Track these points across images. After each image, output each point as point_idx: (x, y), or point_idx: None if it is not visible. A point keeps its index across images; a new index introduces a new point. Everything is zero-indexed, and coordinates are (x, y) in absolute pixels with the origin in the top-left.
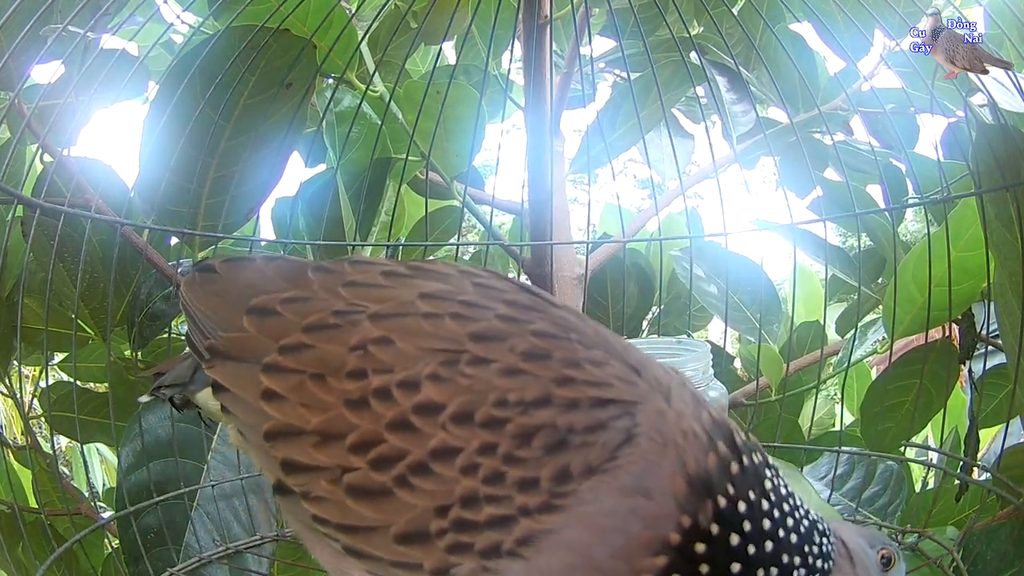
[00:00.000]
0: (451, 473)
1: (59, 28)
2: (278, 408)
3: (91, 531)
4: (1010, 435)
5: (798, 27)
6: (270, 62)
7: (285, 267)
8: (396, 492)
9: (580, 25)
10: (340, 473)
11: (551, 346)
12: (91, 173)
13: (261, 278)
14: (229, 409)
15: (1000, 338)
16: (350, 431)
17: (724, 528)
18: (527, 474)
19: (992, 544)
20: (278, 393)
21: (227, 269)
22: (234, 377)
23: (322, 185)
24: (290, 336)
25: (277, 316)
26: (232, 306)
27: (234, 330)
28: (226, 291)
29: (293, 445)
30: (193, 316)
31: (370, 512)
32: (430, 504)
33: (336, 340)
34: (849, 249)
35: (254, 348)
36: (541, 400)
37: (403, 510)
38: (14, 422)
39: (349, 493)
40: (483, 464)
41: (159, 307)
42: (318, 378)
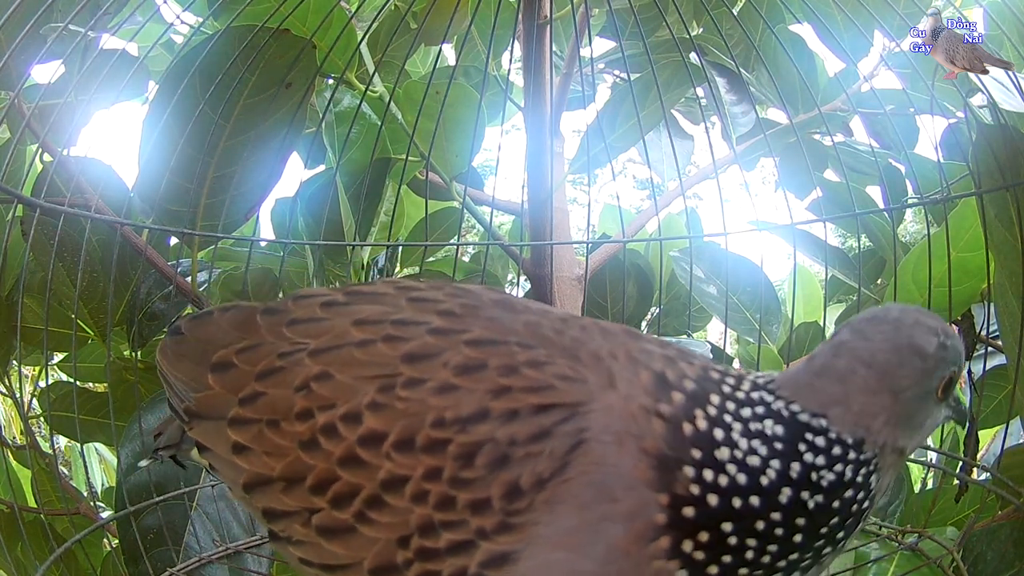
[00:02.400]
0: (403, 503)
1: (59, 28)
2: (246, 459)
3: (91, 531)
4: (1010, 435)
5: (798, 28)
6: (270, 62)
7: (237, 316)
8: (359, 528)
9: (580, 26)
10: (308, 515)
11: (486, 355)
12: (91, 173)
13: (217, 331)
14: (214, 466)
15: (1000, 339)
16: (308, 472)
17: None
18: (476, 495)
19: (992, 544)
20: (244, 445)
21: (191, 327)
22: (209, 435)
23: (322, 185)
24: (246, 387)
25: (234, 368)
26: (198, 365)
27: (203, 389)
28: (192, 351)
29: (267, 494)
30: (169, 382)
31: (341, 550)
32: (391, 536)
33: (282, 383)
34: (849, 250)
35: (220, 404)
36: (478, 415)
37: (368, 544)
38: (13, 422)
39: (320, 534)
40: (431, 490)
41: (158, 307)
42: (273, 424)
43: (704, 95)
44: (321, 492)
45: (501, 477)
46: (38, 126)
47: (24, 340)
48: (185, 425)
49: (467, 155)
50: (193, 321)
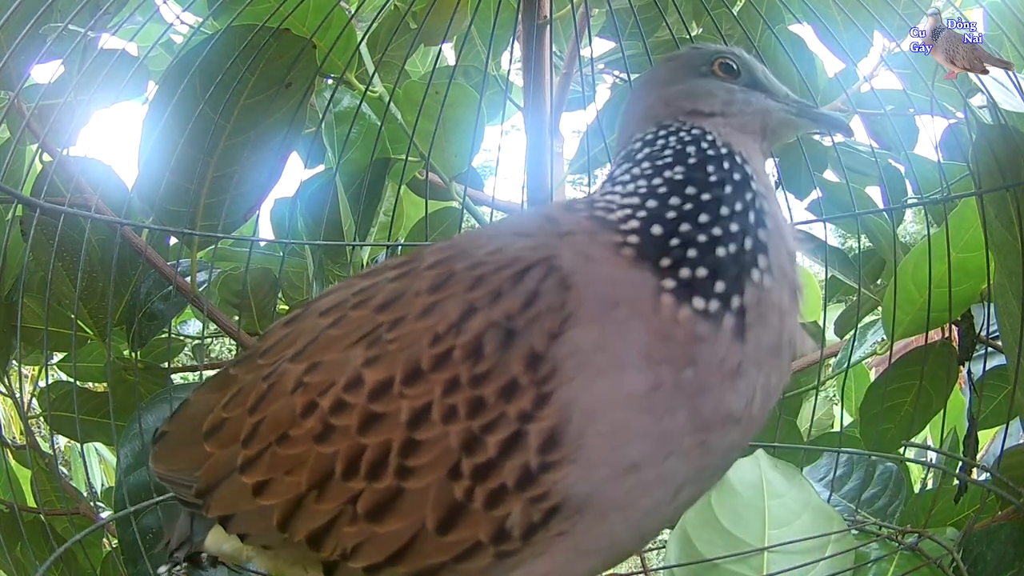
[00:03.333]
0: (436, 431)
1: (59, 28)
2: (271, 493)
3: (91, 531)
4: (1010, 435)
5: (798, 28)
6: (270, 62)
7: (213, 382)
8: (405, 485)
9: (580, 26)
10: (352, 509)
11: (448, 267)
12: (91, 173)
13: (197, 406)
14: (246, 533)
15: (999, 339)
16: (335, 461)
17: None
18: (501, 382)
19: (992, 544)
20: (263, 481)
21: (172, 423)
22: (226, 500)
23: (321, 185)
24: (243, 427)
25: (226, 422)
26: (192, 446)
27: (203, 462)
28: (181, 440)
29: (305, 517)
30: (172, 482)
31: (399, 523)
32: (440, 474)
33: (275, 397)
34: (848, 250)
35: (225, 463)
36: (467, 312)
37: (422, 499)
38: (13, 422)
39: (371, 519)
40: (457, 402)
41: (158, 307)
42: (283, 439)
43: None
44: (354, 472)
45: (515, 352)
46: (38, 126)
47: (24, 340)
48: (202, 511)
49: (467, 155)
50: (172, 418)
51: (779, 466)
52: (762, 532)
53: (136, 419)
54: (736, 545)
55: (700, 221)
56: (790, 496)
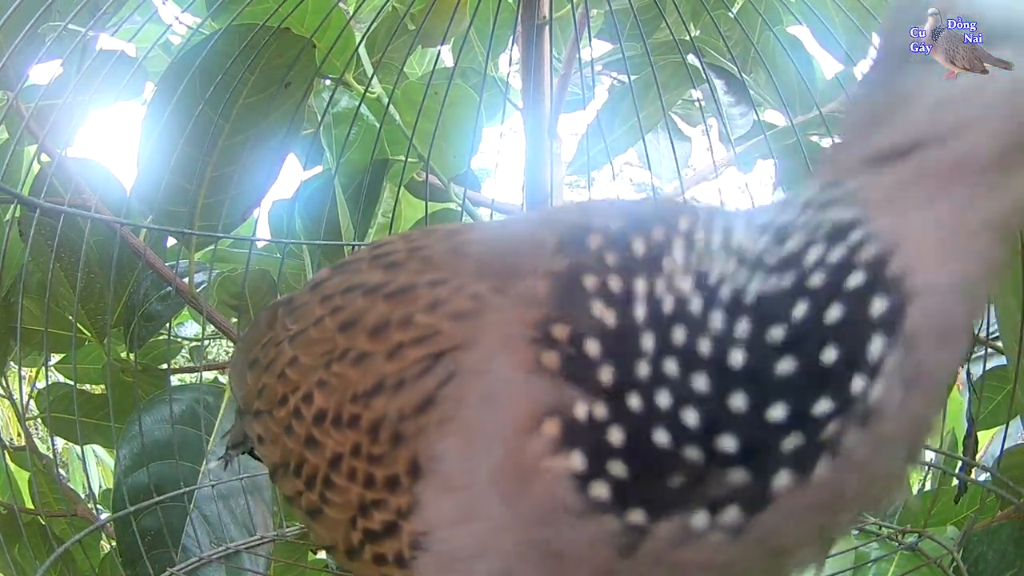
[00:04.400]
0: (343, 482)
1: (58, 28)
2: (265, 449)
3: (89, 532)
4: (1009, 436)
5: (797, 29)
6: (269, 62)
7: (269, 313)
8: (325, 509)
9: (579, 26)
10: (299, 499)
11: (393, 307)
12: (89, 174)
13: (256, 331)
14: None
15: (999, 339)
16: (290, 457)
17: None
18: (387, 472)
19: (992, 544)
20: (261, 436)
21: (244, 336)
22: (251, 429)
23: (320, 186)
24: (260, 379)
25: (256, 364)
26: (243, 366)
27: (243, 388)
28: (241, 354)
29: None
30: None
31: (323, 531)
32: (345, 516)
33: (272, 374)
34: None
35: (249, 400)
36: (376, 387)
37: (336, 525)
38: (11, 423)
39: (308, 516)
40: (357, 468)
41: (155, 308)
42: (270, 414)
43: (703, 97)
44: (298, 475)
45: (401, 454)
46: (37, 127)
47: (22, 341)
48: (243, 423)
49: (465, 156)
50: (246, 330)
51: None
52: None
53: (134, 420)
54: None
55: None
56: None
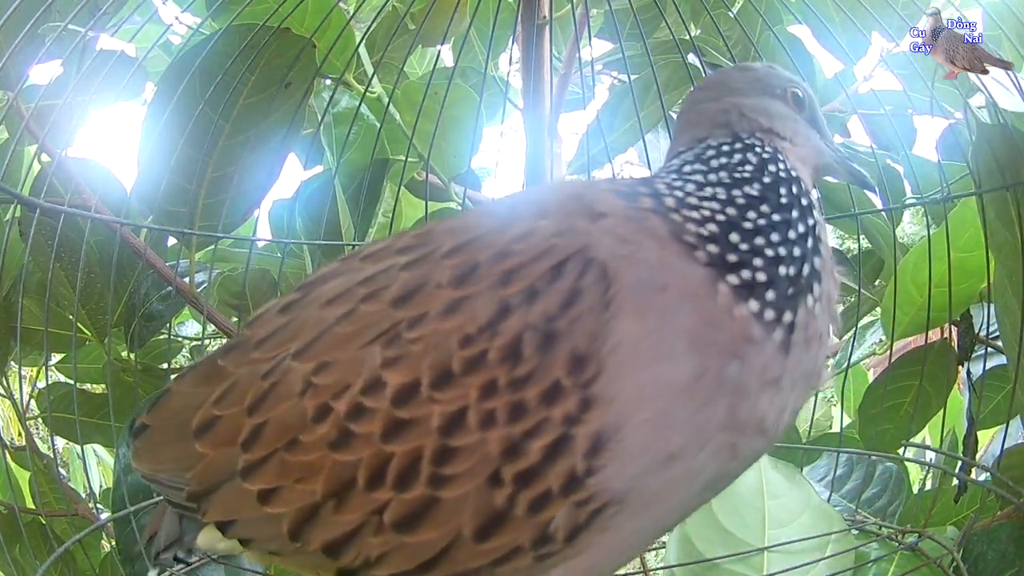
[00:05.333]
0: (473, 438)
1: (58, 28)
2: (280, 502)
3: (90, 532)
4: (1009, 435)
5: (796, 28)
6: (269, 62)
7: (197, 374)
8: (439, 495)
9: (579, 26)
10: (378, 519)
11: (469, 255)
12: (90, 174)
13: (182, 400)
14: (249, 539)
15: (1000, 338)
16: (356, 470)
17: (704, 226)
18: (543, 385)
19: (992, 544)
20: (270, 488)
21: (153, 416)
22: (228, 505)
23: (320, 186)
24: (242, 429)
25: (219, 420)
26: (179, 443)
27: (196, 463)
28: (166, 435)
29: (321, 527)
30: (158, 481)
31: (432, 533)
32: (479, 480)
33: (280, 398)
34: (847, 251)
35: (222, 465)
36: (499, 312)
37: (458, 508)
38: (12, 423)
39: (399, 530)
40: (495, 407)
41: (156, 308)
42: (292, 445)
43: None
44: (380, 483)
45: (557, 355)
46: (37, 127)
47: (23, 341)
48: (197, 514)
49: (465, 156)
50: (152, 409)
51: (779, 466)
52: (762, 532)
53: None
54: (736, 545)
55: (772, 239)
56: (790, 496)
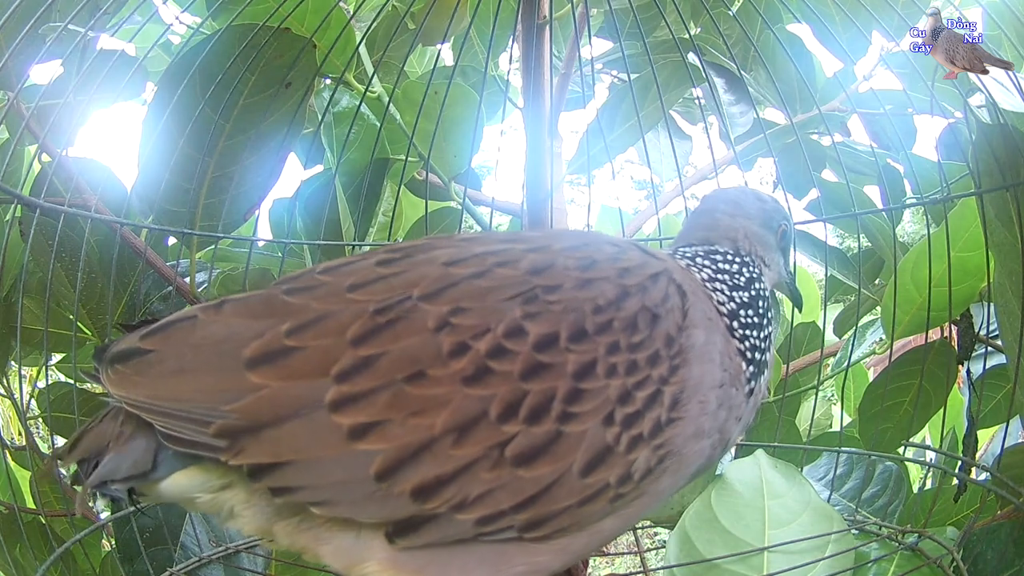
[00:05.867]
0: (599, 383)
1: (58, 28)
2: (381, 437)
3: (90, 532)
4: (1009, 435)
5: (796, 28)
6: (270, 62)
7: (251, 305)
8: (565, 430)
9: (579, 25)
10: (498, 452)
11: (585, 255)
12: (90, 173)
13: (224, 328)
14: (292, 486)
15: (999, 338)
16: (488, 404)
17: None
18: (648, 352)
19: (992, 544)
20: (369, 423)
21: (161, 340)
22: (284, 444)
23: (321, 185)
24: (341, 359)
25: (297, 351)
26: (215, 373)
27: (244, 394)
28: (187, 362)
29: (423, 464)
30: (164, 414)
31: (547, 467)
32: (597, 419)
33: (408, 332)
34: (847, 250)
35: (292, 398)
36: (623, 294)
37: (576, 442)
38: (12, 422)
39: (517, 463)
40: (617, 362)
41: (157, 307)
42: (416, 378)
43: (703, 95)
44: (512, 416)
45: (659, 332)
46: (37, 126)
47: (23, 341)
48: (222, 453)
49: (466, 155)
50: (153, 335)
51: (779, 466)
52: (762, 532)
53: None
54: (736, 545)
55: (754, 334)
56: (790, 496)
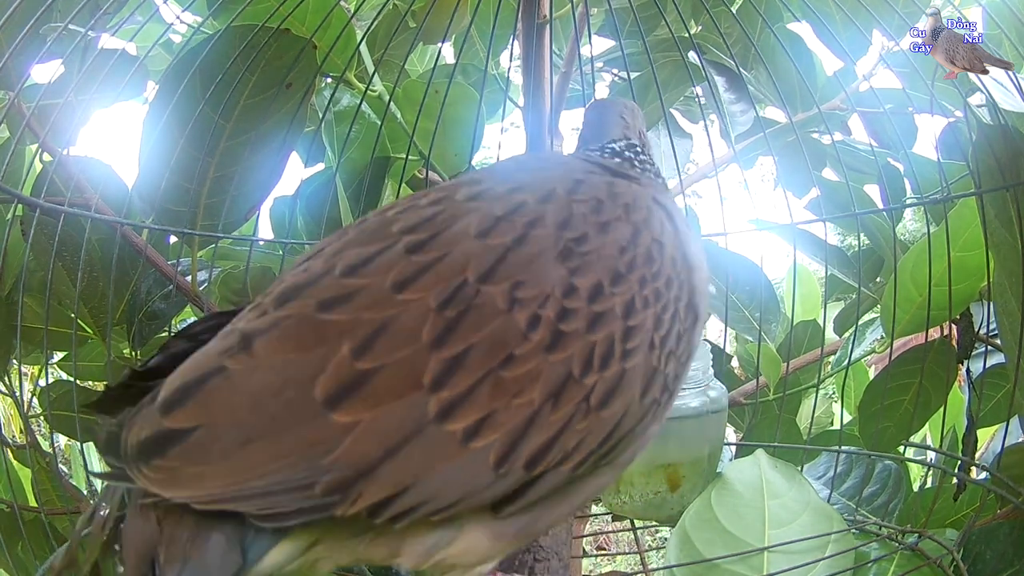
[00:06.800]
0: (640, 317)
1: (59, 28)
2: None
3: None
4: (1009, 434)
5: (797, 27)
6: (270, 62)
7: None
8: (626, 366)
9: (579, 24)
10: (585, 403)
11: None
12: (91, 173)
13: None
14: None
15: (999, 337)
16: (569, 365)
17: None
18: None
19: (992, 544)
20: (482, 418)
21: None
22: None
23: (321, 184)
24: (428, 367)
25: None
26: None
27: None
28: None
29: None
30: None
31: (619, 403)
32: (646, 349)
33: (484, 320)
34: (848, 248)
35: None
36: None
37: (636, 374)
38: (13, 421)
39: (600, 407)
40: (648, 294)
41: (158, 306)
42: (507, 361)
43: (703, 94)
44: (590, 369)
45: (667, 257)
46: (38, 126)
47: (24, 339)
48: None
49: (466, 154)
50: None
51: (779, 466)
52: (762, 532)
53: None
54: (736, 545)
55: None
56: (790, 496)
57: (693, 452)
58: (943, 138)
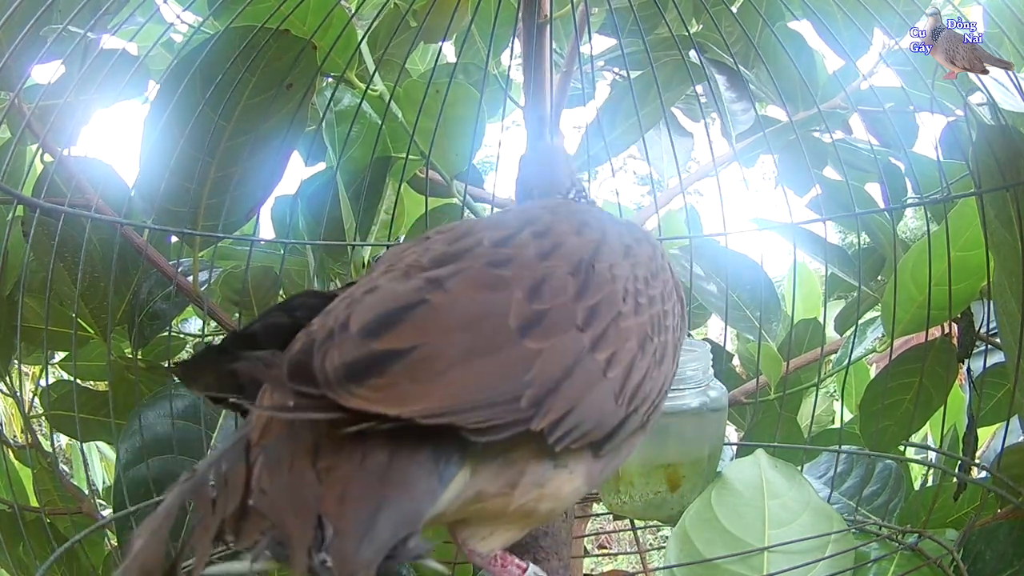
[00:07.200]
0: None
1: (59, 28)
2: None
3: (92, 530)
4: (1009, 434)
5: (797, 25)
6: (270, 62)
7: (471, 279)
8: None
9: (580, 24)
10: (655, 357)
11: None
12: (91, 173)
13: (472, 307)
14: (572, 428)
15: (999, 337)
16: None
17: None
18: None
19: (992, 544)
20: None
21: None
22: (572, 392)
23: (322, 184)
24: (578, 312)
25: (547, 313)
26: (502, 348)
27: (533, 361)
28: (472, 346)
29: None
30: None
31: (669, 364)
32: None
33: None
34: (848, 247)
35: (564, 352)
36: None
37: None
38: (14, 421)
39: (658, 365)
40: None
41: (159, 306)
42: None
43: (704, 93)
44: (655, 332)
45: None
46: (38, 126)
47: (25, 339)
48: (533, 421)
49: (467, 153)
50: (409, 323)
51: (779, 466)
52: (762, 532)
53: (136, 415)
54: (736, 545)
55: None
56: (790, 496)
57: (693, 452)
58: (943, 137)
